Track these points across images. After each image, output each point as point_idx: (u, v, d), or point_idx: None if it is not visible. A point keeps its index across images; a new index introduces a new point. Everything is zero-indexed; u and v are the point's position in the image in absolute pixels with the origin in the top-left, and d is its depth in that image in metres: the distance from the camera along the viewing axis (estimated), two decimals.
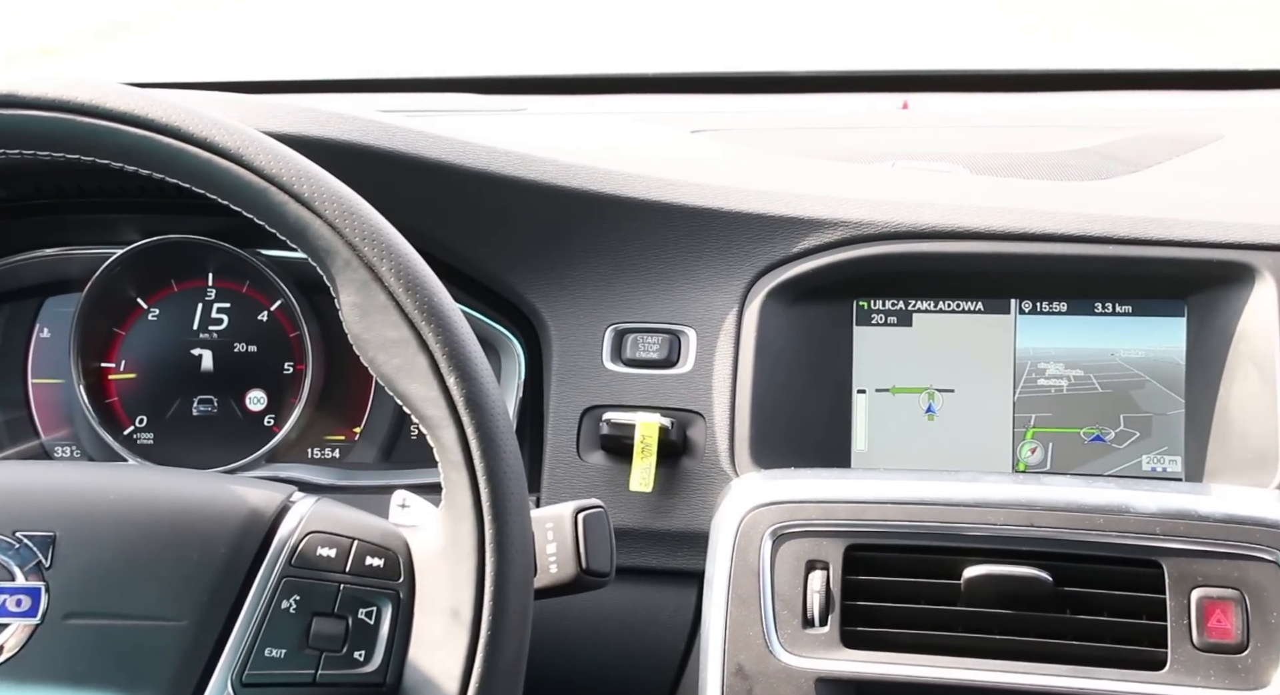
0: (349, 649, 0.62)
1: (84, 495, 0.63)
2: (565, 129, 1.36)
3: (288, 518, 0.65)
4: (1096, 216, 0.98)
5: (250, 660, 0.61)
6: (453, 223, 1.02)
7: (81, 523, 0.62)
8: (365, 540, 0.64)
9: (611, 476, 0.98)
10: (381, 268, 0.61)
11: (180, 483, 0.66)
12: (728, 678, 0.85)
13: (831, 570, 0.86)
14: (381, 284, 0.61)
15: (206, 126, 0.61)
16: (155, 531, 0.62)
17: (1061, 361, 1.01)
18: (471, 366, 0.62)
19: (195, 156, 0.61)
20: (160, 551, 0.62)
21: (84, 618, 0.60)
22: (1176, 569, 0.83)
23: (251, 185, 0.61)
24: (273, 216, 0.62)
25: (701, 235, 1.01)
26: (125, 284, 1.12)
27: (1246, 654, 0.80)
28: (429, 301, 0.61)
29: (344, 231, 0.61)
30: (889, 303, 1.03)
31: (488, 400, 0.62)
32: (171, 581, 0.61)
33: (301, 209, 0.61)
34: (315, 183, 0.62)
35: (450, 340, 0.61)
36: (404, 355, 0.61)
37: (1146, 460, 0.99)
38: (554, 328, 1.02)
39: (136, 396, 1.13)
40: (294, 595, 0.62)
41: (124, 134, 0.61)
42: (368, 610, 0.63)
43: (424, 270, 0.63)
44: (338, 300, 0.63)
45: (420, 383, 0.61)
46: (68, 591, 0.60)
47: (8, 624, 0.60)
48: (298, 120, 0.99)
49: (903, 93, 1.47)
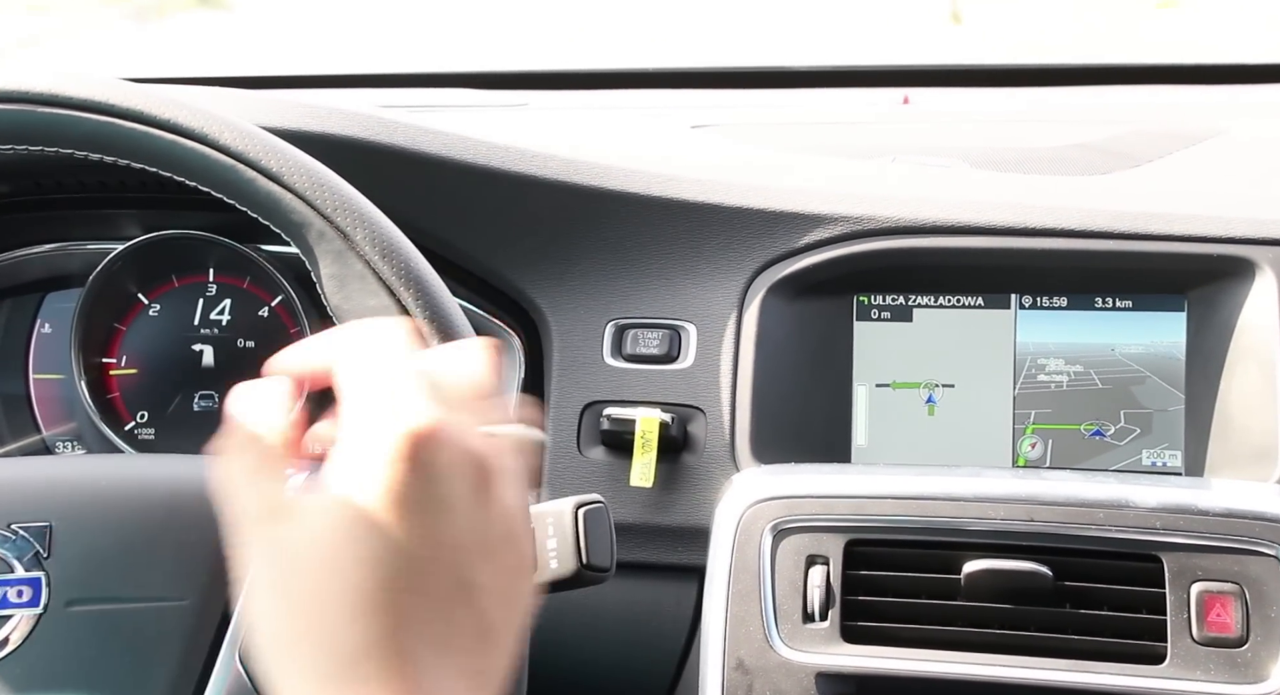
0: None
1: (76, 485, 0.63)
2: (566, 124, 1.36)
3: None
4: (1097, 211, 0.98)
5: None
6: (453, 218, 1.02)
7: (76, 512, 0.62)
8: None
9: (612, 472, 0.98)
10: (356, 236, 0.61)
11: (171, 466, 0.66)
12: (728, 672, 0.85)
13: (832, 565, 0.86)
14: (357, 252, 0.61)
15: (170, 109, 0.61)
16: (150, 515, 0.62)
17: (1062, 357, 1.01)
18: (454, 329, 0.61)
19: (160, 139, 0.61)
20: (157, 534, 0.62)
21: (86, 604, 0.61)
22: (1176, 563, 0.83)
23: (219, 164, 0.61)
24: (243, 194, 0.62)
25: (702, 230, 1.01)
26: (126, 279, 1.12)
27: (1246, 648, 0.81)
28: (406, 267, 0.61)
29: (316, 203, 0.61)
30: (889, 298, 1.03)
31: None
32: (170, 562, 0.62)
33: (271, 184, 0.61)
34: (283, 157, 0.61)
35: (430, 304, 0.61)
36: None
37: (1147, 455, 0.99)
38: (554, 323, 1.02)
39: (138, 392, 1.13)
40: None
41: (85, 121, 0.61)
42: None
43: (399, 237, 0.62)
44: (315, 273, 0.62)
45: None
46: (68, 580, 0.61)
47: (11, 616, 0.60)
48: (298, 115, 0.99)
49: (903, 88, 1.47)
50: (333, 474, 0.49)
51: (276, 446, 0.52)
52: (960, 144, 1.25)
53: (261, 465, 0.51)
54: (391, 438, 0.47)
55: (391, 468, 0.47)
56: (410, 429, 0.47)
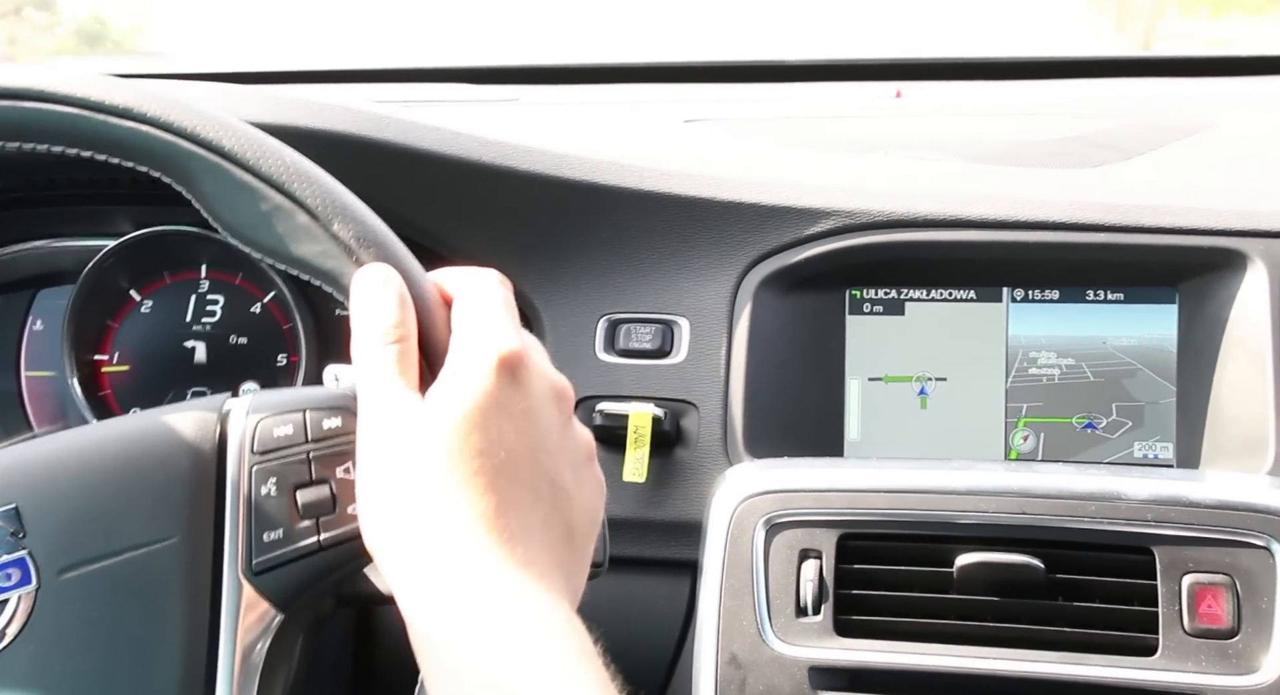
0: (341, 507, 0.63)
1: (31, 464, 0.63)
2: (558, 119, 1.36)
3: (233, 415, 0.65)
4: (1088, 204, 0.98)
5: (253, 550, 0.62)
6: (445, 213, 1.02)
7: (38, 487, 0.62)
8: (316, 407, 0.65)
9: (605, 467, 0.96)
10: (226, 145, 0.60)
11: (119, 425, 0.66)
12: (721, 667, 0.85)
13: (825, 559, 0.86)
14: (232, 161, 0.60)
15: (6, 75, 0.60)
16: (112, 470, 0.62)
17: (1053, 350, 1.01)
18: (350, 209, 0.61)
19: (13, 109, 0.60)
20: (124, 486, 0.62)
21: (78, 568, 0.61)
22: (1168, 555, 0.83)
23: (65, 116, 0.60)
24: (101, 142, 0.60)
25: (694, 225, 1.01)
26: (118, 276, 1.11)
27: (1237, 639, 0.81)
28: (284, 161, 0.61)
29: (175, 125, 0.60)
30: (881, 292, 1.03)
31: (379, 235, 0.62)
32: (147, 507, 0.62)
33: (125, 122, 0.60)
34: (128, 92, 0.60)
35: (320, 191, 0.61)
36: (281, 221, 0.61)
37: (1139, 448, 1.00)
38: (546, 318, 1.02)
39: (130, 389, 1.13)
40: (270, 479, 0.63)
41: None
42: (344, 467, 0.64)
43: (266, 138, 0.61)
44: (198, 201, 0.61)
45: (307, 242, 0.61)
46: (52, 550, 0.61)
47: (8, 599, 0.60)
48: (290, 111, 0.99)
49: (895, 82, 1.47)
50: (447, 380, 0.58)
51: (412, 342, 0.60)
52: (952, 138, 1.25)
53: (400, 356, 0.59)
54: (492, 354, 0.57)
55: (493, 378, 0.57)
56: (505, 348, 0.57)
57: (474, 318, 0.60)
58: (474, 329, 0.59)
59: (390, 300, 0.60)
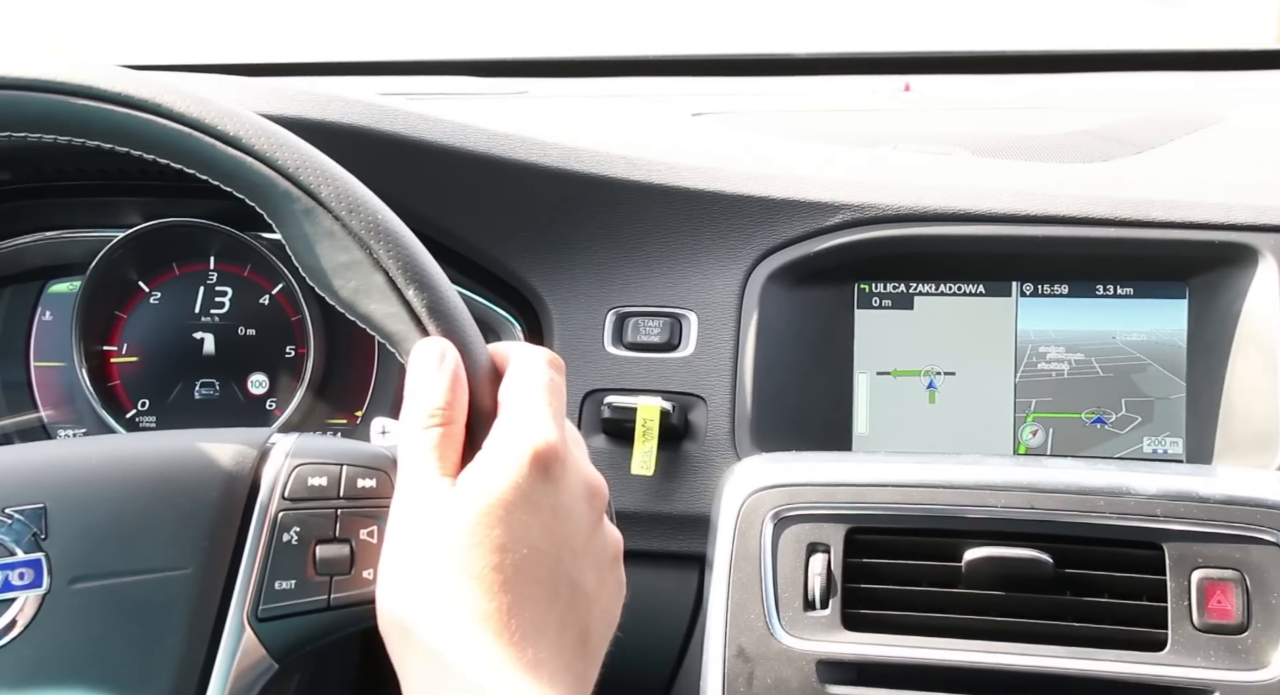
0: (357, 569, 0.63)
1: (67, 467, 0.63)
2: (566, 112, 1.36)
3: (273, 455, 0.65)
4: (1098, 198, 0.97)
5: (262, 595, 0.62)
6: (453, 206, 1.02)
7: (69, 492, 0.62)
8: (354, 464, 0.64)
9: (613, 460, 0.98)
10: (322, 193, 0.60)
11: (160, 441, 0.66)
12: (729, 660, 0.85)
13: (833, 553, 0.86)
14: (325, 208, 0.61)
15: (119, 82, 0.60)
16: (143, 488, 0.62)
17: (1063, 345, 1.01)
18: (427, 277, 0.61)
19: (113, 114, 0.60)
20: (151, 506, 0.62)
21: (89, 581, 0.61)
22: (1177, 550, 0.83)
23: (174, 133, 0.60)
24: (203, 162, 0.61)
25: (702, 218, 1.00)
26: (127, 267, 1.12)
27: (1247, 635, 0.81)
28: (374, 220, 0.61)
29: (278, 163, 0.60)
30: (890, 286, 1.03)
31: (449, 307, 0.61)
32: (168, 532, 0.62)
33: (230, 149, 0.60)
34: (239, 120, 0.61)
35: (402, 255, 0.61)
36: (358, 276, 0.61)
37: (1148, 443, 0.99)
38: (555, 311, 1.02)
39: (138, 380, 1.13)
40: (293, 527, 0.63)
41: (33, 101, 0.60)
42: (368, 530, 0.64)
43: (364, 191, 0.62)
44: (283, 235, 0.62)
45: (379, 301, 0.61)
46: (68, 558, 0.61)
47: (15, 598, 0.60)
48: (298, 103, 0.99)
49: (904, 75, 1.46)
50: (479, 468, 0.57)
51: (457, 427, 0.59)
52: (961, 131, 1.24)
53: (442, 439, 0.58)
54: (526, 447, 0.57)
55: (524, 472, 0.56)
56: (540, 442, 0.57)
57: (518, 401, 0.59)
58: (515, 415, 0.59)
59: (443, 381, 0.59)
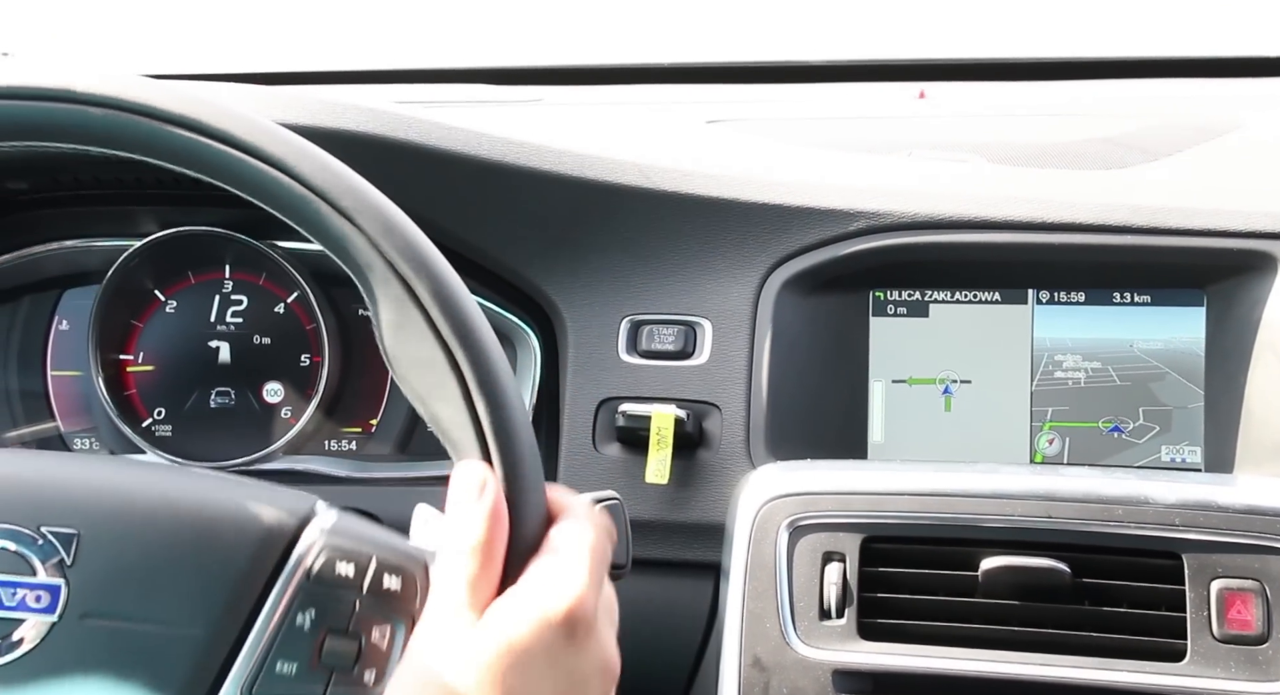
0: (360, 669, 0.62)
1: (108, 493, 0.63)
2: (581, 120, 1.36)
3: (309, 530, 0.64)
4: (1115, 206, 0.97)
5: (261, 674, 0.61)
6: (468, 214, 1.02)
7: (105, 521, 0.62)
8: (385, 560, 0.63)
9: (627, 468, 0.98)
10: (418, 286, 0.61)
11: (205, 486, 0.66)
12: (745, 669, 0.85)
13: (848, 562, 0.86)
14: (417, 302, 0.61)
15: (256, 133, 0.61)
16: (178, 536, 0.62)
17: (1079, 353, 1.00)
18: (501, 394, 0.61)
19: (246, 165, 0.60)
20: (181, 557, 0.62)
21: (100, 618, 0.60)
22: (1196, 560, 0.82)
23: (293, 193, 0.61)
24: (313, 226, 0.61)
25: (717, 226, 1.00)
26: (143, 276, 1.12)
27: (1268, 645, 0.80)
28: (463, 324, 0.61)
29: (382, 247, 0.61)
30: (905, 293, 1.03)
31: (515, 428, 0.61)
32: (190, 589, 0.61)
33: (344, 222, 0.61)
34: (358, 195, 0.61)
35: (481, 365, 0.60)
36: (435, 375, 0.61)
37: (1166, 452, 0.99)
38: (570, 319, 1.02)
39: (154, 388, 1.13)
40: (310, 610, 0.62)
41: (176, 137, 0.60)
42: (382, 630, 0.63)
43: (461, 291, 0.62)
44: (374, 315, 0.62)
45: (450, 405, 0.61)
46: (87, 591, 0.61)
47: (25, 619, 0.60)
48: (313, 111, 0.99)
49: (919, 82, 1.46)
50: (509, 605, 0.57)
51: (493, 563, 0.58)
52: (977, 139, 1.24)
53: (476, 573, 0.58)
54: (561, 605, 0.56)
55: (552, 628, 0.56)
56: (578, 606, 0.57)
57: (565, 551, 0.59)
58: (558, 564, 0.58)
59: (481, 515, 0.58)
